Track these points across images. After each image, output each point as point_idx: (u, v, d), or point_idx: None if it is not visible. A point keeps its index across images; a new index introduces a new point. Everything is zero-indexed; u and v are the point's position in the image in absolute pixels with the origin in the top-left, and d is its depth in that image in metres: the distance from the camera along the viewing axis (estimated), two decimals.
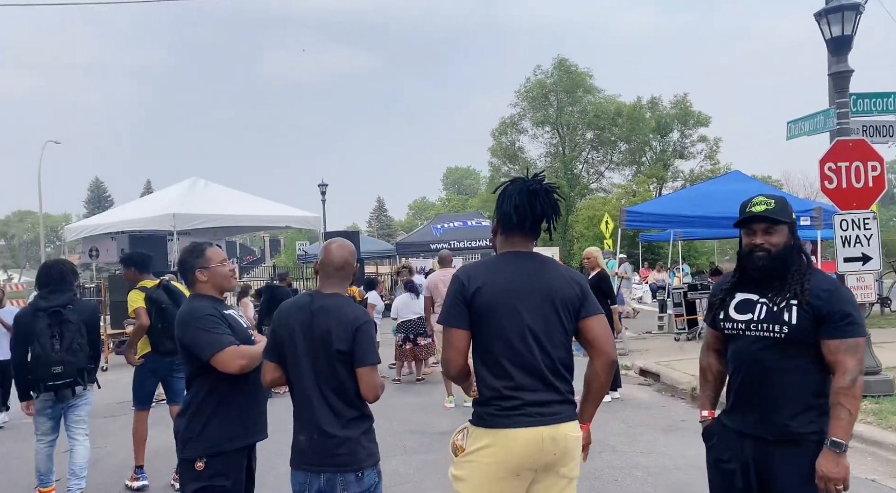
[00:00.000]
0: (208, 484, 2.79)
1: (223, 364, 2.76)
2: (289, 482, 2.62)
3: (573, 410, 2.41)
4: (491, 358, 2.35)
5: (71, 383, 4.66)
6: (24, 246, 77.93)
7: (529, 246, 2.49)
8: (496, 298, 2.33)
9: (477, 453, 2.33)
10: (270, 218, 18.41)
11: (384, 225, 71.12)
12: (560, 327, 2.37)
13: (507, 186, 2.51)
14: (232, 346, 2.78)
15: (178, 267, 3.06)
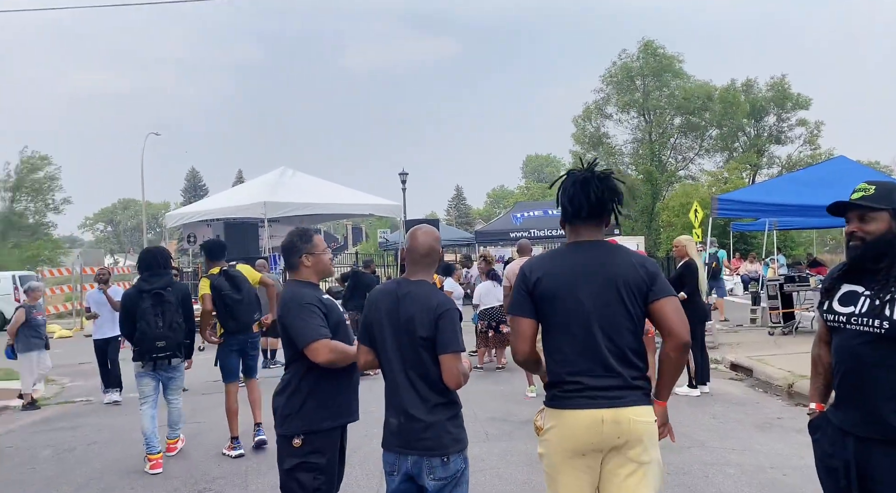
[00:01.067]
0: (304, 461, 2.89)
1: (314, 354, 2.86)
2: (372, 462, 2.69)
3: (641, 395, 2.39)
4: (554, 345, 2.43)
5: (170, 356, 5.36)
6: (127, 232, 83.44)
7: (596, 234, 2.50)
8: (556, 286, 2.40)
9: (548, 432, 2.43)
10: (354, 206, 18.87)
11: (462, 213, 71.33)
12: (625, 312, 2.37)
13: (562, 179, 2.55)
14: (325, 339, 2.87)
15: (284, 250, 3.13)
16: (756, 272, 17.11)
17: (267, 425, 6.42)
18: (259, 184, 18.93)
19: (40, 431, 7.01)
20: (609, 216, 2.53)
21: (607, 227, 2.57)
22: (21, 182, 42.93)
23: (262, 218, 16.55)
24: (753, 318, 13.11)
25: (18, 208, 43.47)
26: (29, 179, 43.11)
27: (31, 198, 44.00)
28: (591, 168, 2.52)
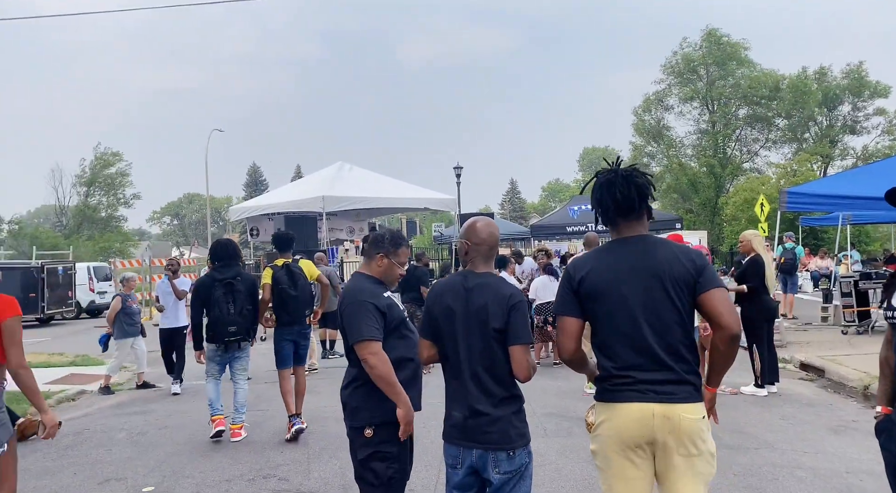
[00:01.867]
0: (377, 450, 2.93)
1: (359, 351, 2.89)
2: (430, 453, 2.69)
3: (692, 391, 2.37)
4: (602, 341, 2.44)
5: (240, 340, 5.85)
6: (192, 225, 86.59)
7: (638, 229, 2.50)
8: (602, 283, 2.40)
9: (599, 427, 2.43)
10: (409, 200, 19.01)
11: (517, 207, 70.82)
12: (671, 305, 2.35)
13: (591, 180, 2.60)
14: (369, 341, 2.85)
15: (373, 239, 3.21)
16: (827, 269, 16.34)
17: (322, 416, 6.61)
18: (318, 178, 19.31)
19: (115, 415, 7.36)
20: (644, 210, 2.51)
21: (650, 220, 2.56)
22: (95, 178, 45.13)
23: (320, 212, 16.87)
24: (825, 316, 12.56)
25: (92, 202, 45.73)
26: (102, 174, 45.26)
27: (104, 193, 46.18)
28: (614, 168, 2.52)
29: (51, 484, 4.99)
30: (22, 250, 33.07)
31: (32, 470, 5.37)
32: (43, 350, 13.23)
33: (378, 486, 2.94)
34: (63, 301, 20.70)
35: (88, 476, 5.15)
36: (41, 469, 5.37)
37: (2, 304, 3.21)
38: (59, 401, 8.16)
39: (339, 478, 4.82)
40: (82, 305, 22.08)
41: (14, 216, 46.15)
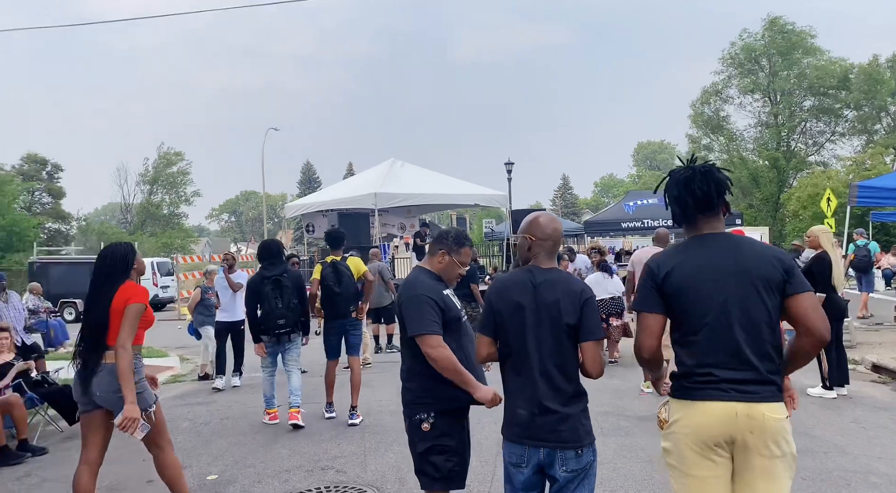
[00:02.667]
0: (436, 443, 2.94)
1: (420, 345, 2.90)
2: (485, 448, 2.65)
3: (775, 390, 2.31)
4: (685, 338, 2.38)
5: (289, 332, 6.22)
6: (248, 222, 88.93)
7: (717, 226, 2.46)
8: (688, 280, 2.35)
9: (675, 424, 2.37)
10: (460, 196, 19.01)
11: (569, 203, 69.95)
12: (760, 304, 2.30)
13: (665, 180, 2.54)
14: (430, 335, 2.88)
15: (438, 234, 3.23)
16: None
17: (377, 409, 6.68)
18: (370, 175, 19.52)
19: (179, 405, 7.62)
20: (723, 206, 2.46)
21: (726, 216, 2.50)
22: (158, 176, 46.89)
23: (372, 208, 17.07)
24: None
25: (155, 200, 47.52)
26: (164, 173, 46.99)
27: (167, 191, 47.92)
28: (692, 165, 2.48)
29: (121, 470, 5.20)
30: (90, 246, 34.63)
31: (106, 456, 5.60)
32: None
33: (438, 479, 2.96)
34: None
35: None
36: (113, 456, 5.57)
37: (133, 291, 3.78)
38: None
39: (395, 471, 4.86)
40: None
41: (83, 214, 48.49)
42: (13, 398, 5.84)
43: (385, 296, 10.54)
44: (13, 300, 8.64)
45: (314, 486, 4.65)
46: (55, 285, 19.35)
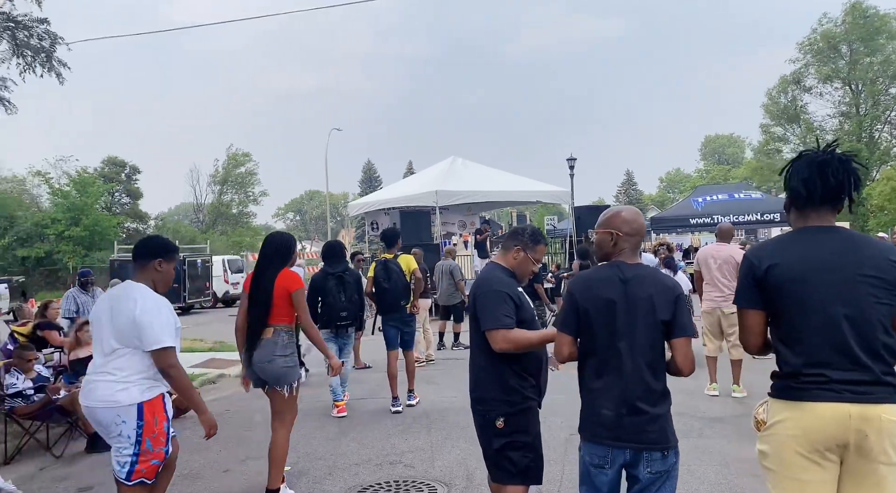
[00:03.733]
0: (511, 440, 2.93)
1: (491, 340, 2.88)
2: (552, 448, 2.61)
3: (892, 392, 2.17)
4: (790, 336, 2.25)
5: (349, 324, 6.56)
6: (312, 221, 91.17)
7: (829, 220, 2.33)
8: (793, 275, 2.23)
9: (777, 426, 2.25)
10: (521, 193, 18.86)
11: (633, 199, 68.35)
12: (876, 303, 2.18)
13: (794, 160, 2.39)
14: (505, 328, 2.86)
15: (513, 230, 3.23)
16: None
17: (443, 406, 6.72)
18: (431, 173, 19.61)
19: (251, 398, 7.80)
20: (843, 202, 2.32)
21: (839, 213, 2.36)
22: (227, 176, 48.58)
23: (433, 206, 17.15)
24: None
25: (225, 200, 49.26)
26: (233, 173, 48.64)
27: (236, 191, 49.61)
28: (830, 150, 2.33)
29: (200, 459, 5.43)
30: None
31: (184, 445, 5.85)
32: (185, 336, 14.44)
33: (515, 475, 2.95)
34: (201, 291, 22.52)
35: (232, 454, 5.55)
36: (192, 446, 5.84)
37: (291, 277, 4.30)
38: (202, 383, 8.87)
39: (463, 468, 4.88)
40: (218, 295, 23.90)
41: (158, 213, 50.84)
42: None
43: (455, 295, 10.59)
44: (98, 296, 9.14)
45: (384, 480, 4.72)
46: None
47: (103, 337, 3.28)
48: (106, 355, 3.25)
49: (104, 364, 3.25)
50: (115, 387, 3.18)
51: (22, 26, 6.64)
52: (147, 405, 3.21)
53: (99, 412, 3.23)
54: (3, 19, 6.52)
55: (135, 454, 3.19)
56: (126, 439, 3.18)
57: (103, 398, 3.20)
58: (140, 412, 3.18)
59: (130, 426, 3.17)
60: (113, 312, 3.28)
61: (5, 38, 6.57)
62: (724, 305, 6.71)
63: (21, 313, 9.38)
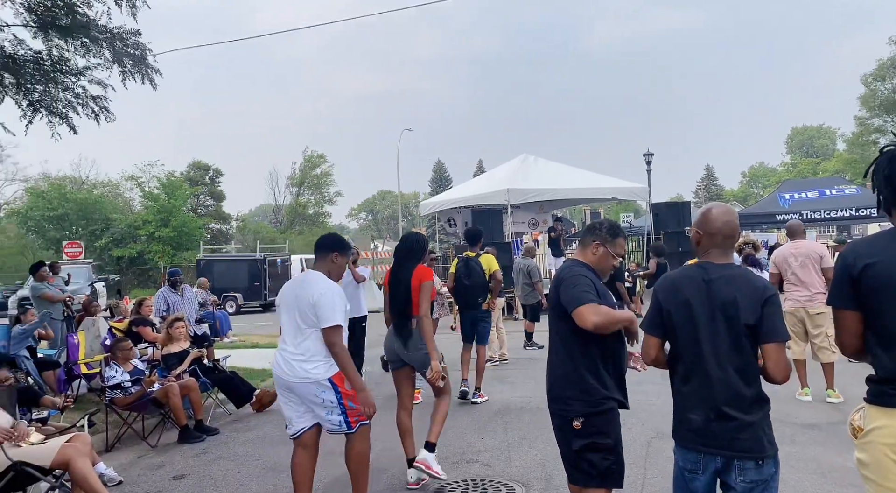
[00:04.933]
0: (591, 441, 2.87)
1: (581, 318, 2.77)
2: (633, 450, 2.54)
3: None
4: (886, 338, 2.14)
5: None
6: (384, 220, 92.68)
7: None
8: (891, 274, 2.11)
9: (874, 433, 2.14)
10: (595, 190, 18.47)
11: (713, 195, 65.80)
12: None
13: (877, 157, 2.27)
14: (592, 303, 2.78)
15: (588, 229, 3.19)
16: None
17: (518, 405, 6.65)
18: (503, 171, 19.52)
19: None
20: None
21: None
22: (304, 178, 50.11)
23: (505, 204, 17.06)
24: None
25: (302, 201, 50.83)
26: (310, 175, 50.12)
27: (312, 192, 51.11)
28: None
29: (284, 452, 5.55)
30: (247, 245, 37.81)
31: (268, 438, 6.08)
32: (267, 333, 14.99)
33: (595, 476, 2.89)
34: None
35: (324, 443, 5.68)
36: (275, 439, 6.05)
37: (425, 272, 4.75)
38: None
39: (540, 468, 4.83)
40: None
41: (240, 214, 53.00)
42: (191, 382, 6.48)
43: (532, 294, 10.52)
44: (187, 294, 9.60)
45: (461, 478, 4.73)
46: (218, 280, 21.26)
47: (290, 319, 3.81)
48: (294, 335, 3.79)
49: (295, 345, 3.77)
50: (306, 366, 3.71)
51: (118, 37, 7.07)
52: (335, 378, 3.73)
53: (297, 386, 3.76)
54: (102, 31, 6.96)
55: (343, 412, 3.75)
56: (331, 404, 3.74)
57: (300, 375, 3.73)
58: (333, 383, 3.72)
59: (330, 395, 3.73)
60: (297, 296, 3.81)
61: (105, 49, 7.02)
62: (809, 304, 6.39)
63: (118, 310, 9.97)
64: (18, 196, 40.16)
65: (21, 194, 39.84)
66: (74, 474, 4.01)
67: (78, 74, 7.31)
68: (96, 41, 6.98)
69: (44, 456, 4.03)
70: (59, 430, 4.56)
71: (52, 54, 7.19)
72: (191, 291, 10.14)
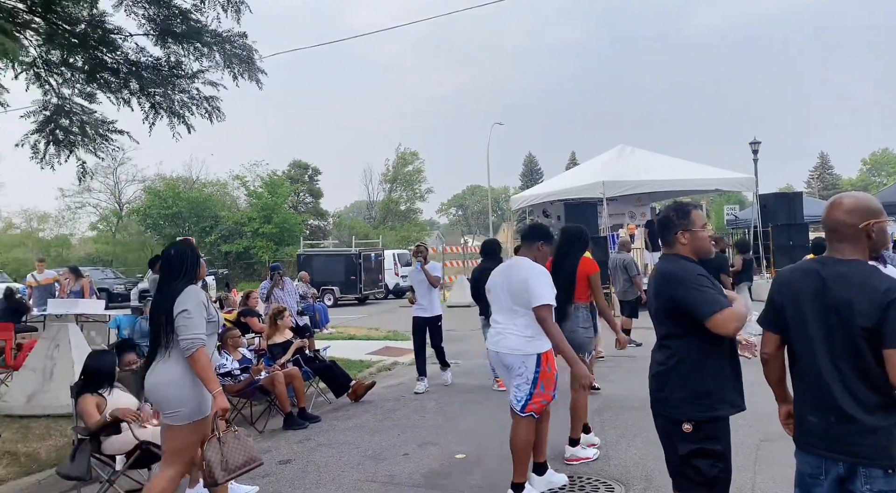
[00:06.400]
0: (701, 447, 2.73)
1: (720, 325, 2.61)
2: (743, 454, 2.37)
3: None
4: None
5: None
6: (474, 215, 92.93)
7: None
8: None
9: None
10: (698, 181, 17.62)
11: (828, 184, 61.24)
12: None
13: None
14: (729, 308, 2.62)
15: (659, 225, 3.02)
16: None
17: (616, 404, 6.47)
18: (597, 163, 19.05)
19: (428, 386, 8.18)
20: None
21: None
22: (396, 175, 51.14)
23: (600, 198, 16.64)
24: None
25: (394, 197, 51.91)
26: (402, 172, 51.08)
27: (404, 188, 52.09)
28: None
29: (381, 441, 5.74)
30: (343, 240, 39.11)
31: (366, 427, 6.25)
32: (362, 325, 15.44)
33: (702, 484, 2.74)
34: (375, 283, 23.96)
35: (410, 438, 5.80)
36: (373, 428, 6.22)
37: (590, 264, 5.13)
38: (378, 369, 9.40)
39: (640, 468, 4.68)
40: (389, 287, 25.27)
41: (335, 210, 54.90)
42: (294, 371, 6.76)
43: (631, 290, 10.23)
44: (288, 287, 10.03)
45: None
46: (317, 274, 22.07)
47: (500, 298, 4.24)
48: (505, 313, 4.20)
49: (508, 321, 4.16)
50: (520, 340, 4.08)
51: (227, 40, 7.50)
52: (543, 356, 4.05)
53: (507, 357, 4.14)
54: (213, 35, 7.40)
55: (530, 392, 4.04)
56: (525, 380, 4.05)
57: (513, 347, 4.09)
58: (538, 360, 4.04)
59: (531, 370, 4.04)
60: (508, 279, 4.21)
61: (216, 51, 7.48)
62: None
63: (227, 302, 10.58)
64: (137, 196, 43.45)
65: (140, 194, 43.09)
66: None
67: (192, 77, 7.83)
68: (208, 45, 7.44)
69: None
70: None
71: (170, 59, 7.75)
72: (291, 284, 10.57)
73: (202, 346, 3.45)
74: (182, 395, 3.46)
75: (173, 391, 3.47)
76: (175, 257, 3.72)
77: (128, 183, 44.14)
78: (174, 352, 3.51)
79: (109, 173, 41.64)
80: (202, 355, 3.43)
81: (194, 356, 3.42)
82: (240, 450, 3.52)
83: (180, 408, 3.47)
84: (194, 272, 3.69)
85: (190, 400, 3.47)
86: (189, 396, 3.47)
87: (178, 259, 3.70)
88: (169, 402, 3.47)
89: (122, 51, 7.69)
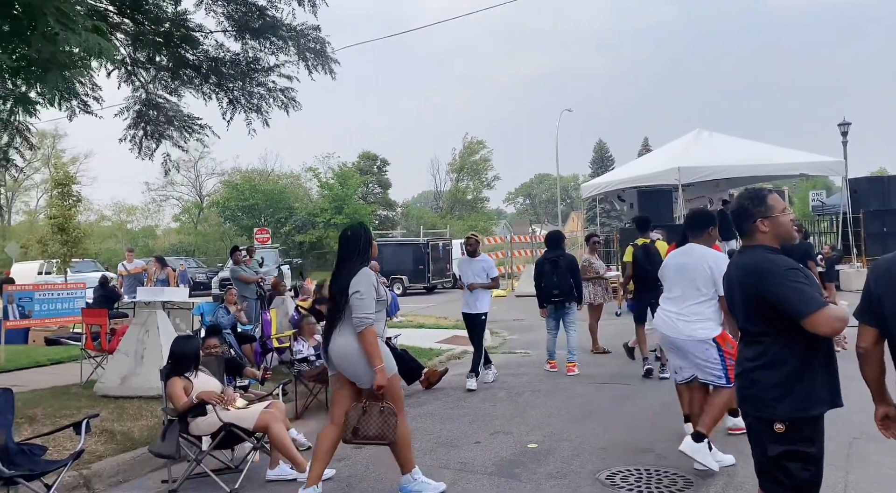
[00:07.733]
0: (793, 448, 2.58)
1: (817, 325, 2.45)
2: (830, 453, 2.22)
3: None
4: None
5: (563, 300, 7.96)
6: (542, 204, 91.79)
7: None
8: None
9: None
10: (780, 166, 16.75)
11: None
12: None
13: None
14: (829, 306, 2.45)
15: (734, 215, 2.84)
16: None
17: None
18: (672, 149, 18.39)
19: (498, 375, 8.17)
20: None
21: None
22: (463, 164, 51.15)
23: (675, 184, 16.07)
24: None
25: (461, 186, 51.96)
26: (469, 161, 51.04)
27: (471, 177, 52.06)
28: None
29: (453, 429, 5.78)
30: (411, 229, 39.55)
31: (437, 415, 6.30)
32: (431, 314, 15.57)
33: (789, 488, 2.59)
34: (442, 273, 24.11)
35: (481, 426, 5.81)
36: (444, 416, 6.26)
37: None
38: (448, 358, 9.45)
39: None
40: (457, 276, 25.34)
41: (404, 201, 55.50)
42: None
43: None
44: None
45: (633, 466, 4.56)
46: (386, 263, 22.38)
47: (675, 286, 4.59)
48: (679, 300, 4.53)
49: (679, 308, 4.51)
50: (692, 326, 4.42)
51: (301, 34, 7.68)
52: (718, 338, 4.37)
53: (681, 342, 4.50)
54: (288, 30, 7.59)
55: (724, 367, 4.31)
56: (713, 360, 4.37)
57: (686, 333, 4.45)
58: (716, 342, 4.35)
59: (713, 353, 4.36)
60: (684, 267, 4.53)
61: (291, 45, 7.67)
62: None
63: (302, 290, 10.88)
64: (217, 189, 45.32)
65: (219, 187, 44.94)
66: (273, 437, 4.45)
67: (268, 71, 8.07)
68: (283, 39, 7.65)
69: (247, 420, 4.51)
70: (258, 397, 5.06)
71: (248, 55, 8.01)
72: None
73: (371, 325, 3.91)
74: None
75: (364, 365, 3.94)
76: (352, 238, 4.15)
77: (207, 176, 46.10)
78: (346, 326, 3.99)
79: (190, 167, 43.65)
80: (370, 332, 3.90)
81: (363, 333, 3.90)
82: (376, 424, 3.92)
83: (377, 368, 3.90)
84: (368, 252, 4.13)
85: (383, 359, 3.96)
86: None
87: (354, 240, 4.14)
88: (368, 373, 3.93)
89: (202, 48, 7.99)
